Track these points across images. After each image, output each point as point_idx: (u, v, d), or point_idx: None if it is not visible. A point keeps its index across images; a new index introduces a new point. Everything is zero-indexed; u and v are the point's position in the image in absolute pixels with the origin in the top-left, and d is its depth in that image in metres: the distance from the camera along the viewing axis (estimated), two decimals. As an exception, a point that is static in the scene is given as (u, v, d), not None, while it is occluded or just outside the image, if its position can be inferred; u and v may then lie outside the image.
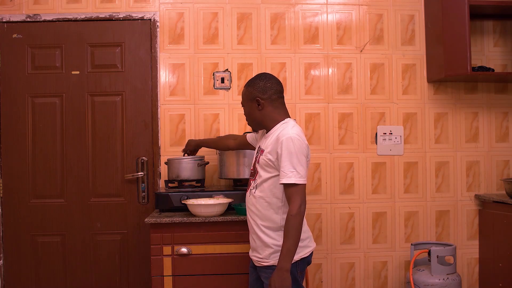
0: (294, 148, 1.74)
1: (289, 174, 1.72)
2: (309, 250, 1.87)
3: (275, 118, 1.88)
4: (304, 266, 1.87)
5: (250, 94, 1.91)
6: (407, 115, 2.99)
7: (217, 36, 2.92)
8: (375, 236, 2.96)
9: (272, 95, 1.89)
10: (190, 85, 2.90)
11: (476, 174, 3.01)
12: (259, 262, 1.88)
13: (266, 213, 1.83)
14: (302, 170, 1.74)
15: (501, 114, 3.04)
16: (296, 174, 1.72)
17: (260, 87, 1.89)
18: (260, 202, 1.85)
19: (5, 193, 2.84)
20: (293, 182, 1.71)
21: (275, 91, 1.89)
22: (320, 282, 2.92)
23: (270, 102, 1.89)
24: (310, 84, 2.94)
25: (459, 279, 2.63)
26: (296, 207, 1.71)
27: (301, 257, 1.83)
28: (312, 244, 1.92)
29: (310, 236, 1.92)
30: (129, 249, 2.86)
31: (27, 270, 2.83)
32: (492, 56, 3.05)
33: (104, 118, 2.87)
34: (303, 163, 1.75)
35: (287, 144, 1.74)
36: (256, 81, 1.92)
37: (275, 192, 1.82)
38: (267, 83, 1.89)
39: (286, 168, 1.73)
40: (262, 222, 1.84)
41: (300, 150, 1.75)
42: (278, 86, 1.91)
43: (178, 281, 2.22)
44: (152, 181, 2.87)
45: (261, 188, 1.85)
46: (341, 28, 2.97)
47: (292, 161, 1.73)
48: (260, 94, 1.88)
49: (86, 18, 2.86)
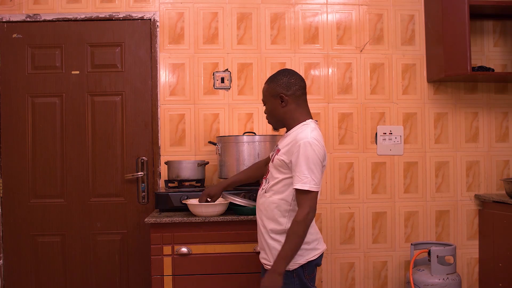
0: (312, 154, 1.68)
1: (304, 180, 1.67)
2: (317, 253, 1.82)
3: (297, 118, 1.82)
4: (312, 269, 1.82)
5: (273, 90, 1.84)
6: (407, 115, 2.99)
7: (217, 36, 2.92)
8: (375, 236, 2.96)
9: (297, 91, 1.82)
10: (190, 85, 2.90)
11: (476, 174, 3.01)
12: (265, 264, 1.86)
13: (273, 215, 1.80)
14: (317, 177, 1.69)
15: (501, 114, 3.04)
16: (311, 180, 1.67)
17: (284, 83, 1.82)
18: (268, 202, 1.81)
19: (5, 193, 2.84)
20: (307, 189, 1.67)
21: (299, 87, 1.83)
22: (320, 282, 2.92)
23: (294, 98, 1.82)
24: (310, 84, 2.94)
25: (459, 279, 2.64)
26: (303, 213, 1.67)
27: (307, 260, 1.78)
28: (321, 246, 1.86)
29: (318, 239, 1.86)
30: (129, 249, 2.86)
31: (27, 270, 2.83)
32: (492, 56, 3.05)
33: (104, 118, 2.87)
34: (319, 170, 1.70)
35: (305, 149, 1.68)
36: (279, 76, 1.85)
37: (285, 195, 1.77)
38: (291, 79, 1.82)
39: (301, 173, 1.67)
40: (269, 223, 1.81)
41: (318, 156, 1.70)
42: (302, 82, 1.84)
43: (178, 281, 2.22)
44: (152, 181, 2.87)
45: (272, 189, 1.81)
46: (341, 28, 2.97)
47: (309, 167, 1.67)
48: (284, 90, 1.81)
49: (86, 18, 2.86)
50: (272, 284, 1.66)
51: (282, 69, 1.90)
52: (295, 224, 1.68)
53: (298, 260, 1.76)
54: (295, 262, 1.76)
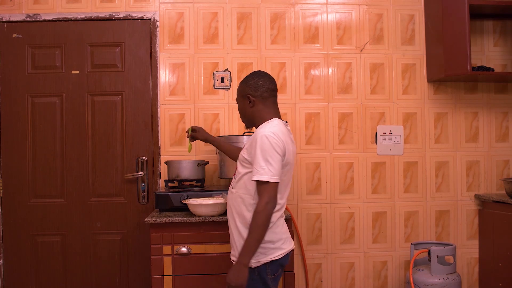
0: (268, 146, 1.72)
1: (261, 171, 1.70)
2: (281, 253, 1.81)
3: (264, 117, 1.88)
4: (276, 269, 1.81)
5: (242, 91, 1.92)
6: (407, 115, 2.99)
7: (217, 36, 2.92)
8: (375, 236, 2.96)
9: (264, 93, 1.88)
10: (190, 85, 2.90)
11: (476, 174, 3.02)
12: (234, 261, 1.84)
13: (241, 210, 1.82)
14: (275, 168, 1.71)
15: (501, 114, 3.04)
16: (268, 171, 1.70)
17: (253, 84, 1.89)
18: (235, 198, 1.85)
19: (5, 193, 2.84)
20: (264, 180, 1.70)
21: (266, 89, 1.89)
22: (320, 282, 2.92)
23: (262, 99, 1.88)
24: (310, 84, 2.94)
25: (459, 279, 2.64)
26: (262, 204, 1.69)
27: (271, 259, 1.78)
28: (287, 246, 1.85)
29: (285, 238, 1.85)
30: (129, 249, 2.86)
31: (27, 270, 2.83)
32: (492, 56, 3.05)
33: (104, 118, 2.87)
34: (276, 161, 1.72)
35: (261, 141, 1.72)
36: (249, 78, 1.92)
37: (249, 189, 1.80)
38: (259, 81, 1.89)
39: (258, 165, 1.71)
40: (237, 218, 1.83)
41: (274, 148, 1.72)
42: (270, 85, 1.91)
43: (178, 280, 2.22)
44: (152, 180, 2.87)
45: (238, 184, 1.85)
46: (341, 28, 2.97)
47: (265, 158, 1.71)
48: (251, 91, 1.88)
49: (86, 18, 2.86)
50: (237, 276, 1.67)
51: (254, 71, 1.97)
52: (255, 215, 1.69)
53: (261, 259, 1.77)
54: (258, 260, 1.77)
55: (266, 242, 1.77)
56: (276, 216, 1.81)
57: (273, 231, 1.79)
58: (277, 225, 1.81)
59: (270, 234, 1.78)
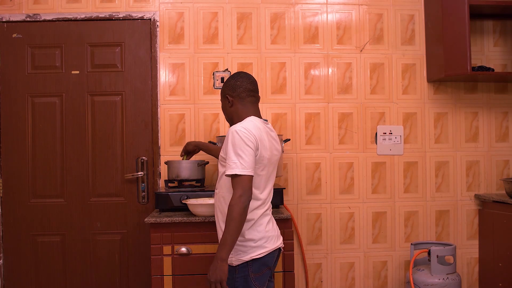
0: (238, 140, 1.73)
1: (232, 166, 1.71)
2: (263, 251, 1.80)
3: (241, 116, 1.90)
4: (259, 268, 1.80)
5: (223, 91, 1.98)
6: (407, 115, 2.99)
7: (217, 36, 2.92)
8: (375, 236, 2.96)
9: (241, 93, 1.91)
10: (190, 85, 2.90)
11: (476, 174, 3.02)
12: None
13: (222, 209, 1.83)
14: (247, 161, 1.71)
15: (501, 114, 3.04)
16: (239, 165, 1.70)
17: (231, 85, 1.94)
18: (219, 198, 1.87)
19: (5, 193, 2.84)
20: (235, 173, 1.70)
21: (244, 89, 1.92)
22: (320, 281, 2.92)
23: (239, 100, 1.92)
24: (310, 84, 2.94)
25: (459, 279, 2.64)
26: (235, 197, 1.68)
27: (252, 257, 1.77)
28: (271, 245, 1.83)
29: (268, 237, 1.83)
30: (129, 249, 2.86)
31: (27, 270, 2.83)
32: (492, 56, 3.05)
33: (104, 118, 2.87)
34: (247, 154, 1.72)
35: (232, 136, 1.75)
36: (229, 79, 1.97)
37: (228, 187, 1.81)
38: (237, 81, 1.93)
39: (230, 160, 1.73)
40: (220, 217, 1.85)
41: (245, 142, 1.73)
42: (248, 85, 1.93)
43: (178, 280, 2.22)
44: (152, 181, 2.87)
45: (219, 184, 1.88)
46: (341, 28, 2.97)
47: (236, 152, 1.72)
48: (230, 91, 1.93)
49: (86, 18, 2.86)
50: (216, 271, 1.66)
51: (236, 72, 2.01)
52: (229, 208, 1.69)
53: (242, 257, 1.77)
54: (239, 258, 1.77)
55: (247, 240, 1.78)
56: (257, 213, 1.81)
57: (254, 229, 1.79)
58: (260, 224, 1.81)
59: (252, 232, 1.78)
